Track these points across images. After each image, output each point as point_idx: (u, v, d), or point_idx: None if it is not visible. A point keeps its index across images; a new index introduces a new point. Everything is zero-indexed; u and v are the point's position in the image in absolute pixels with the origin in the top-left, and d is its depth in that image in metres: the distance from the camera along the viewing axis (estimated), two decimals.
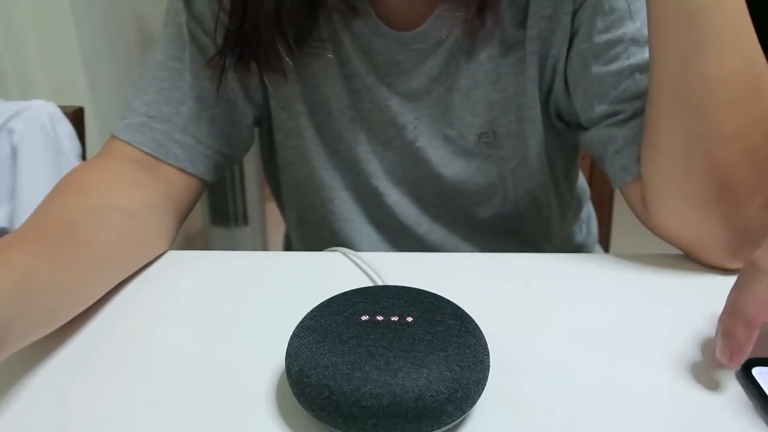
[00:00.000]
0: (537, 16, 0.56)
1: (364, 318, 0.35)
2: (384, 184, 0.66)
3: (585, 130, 0.57)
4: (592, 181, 0.97)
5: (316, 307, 0.37)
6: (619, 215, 1.16)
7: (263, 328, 0.43)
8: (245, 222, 1.94)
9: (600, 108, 0.54)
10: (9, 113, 1.05)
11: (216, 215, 1.93)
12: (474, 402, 0.33)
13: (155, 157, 0.58)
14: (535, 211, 0.67)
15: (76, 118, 1.08)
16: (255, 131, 0.69)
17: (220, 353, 0.40)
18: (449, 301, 0.37)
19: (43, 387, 0.38)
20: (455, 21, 0.56)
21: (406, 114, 0.62)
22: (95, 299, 0.45)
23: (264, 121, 0.69)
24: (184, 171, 0.60)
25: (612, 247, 1.24)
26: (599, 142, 0.55)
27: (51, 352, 0.41)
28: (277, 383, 0.37)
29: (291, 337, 0.35)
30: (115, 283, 0.48)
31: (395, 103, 0.61)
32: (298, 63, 0.60)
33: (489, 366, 0.34)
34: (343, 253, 0.53)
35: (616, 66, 0.52)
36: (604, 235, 1.09)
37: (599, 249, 0.85)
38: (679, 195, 0.48)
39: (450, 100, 0.60)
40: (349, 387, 0.31)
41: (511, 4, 0.56)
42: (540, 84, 0.59)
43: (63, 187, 0.51)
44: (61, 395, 0.37)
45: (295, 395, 0.33)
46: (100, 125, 1.48)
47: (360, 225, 0.68)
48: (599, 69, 0.53)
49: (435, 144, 0.62)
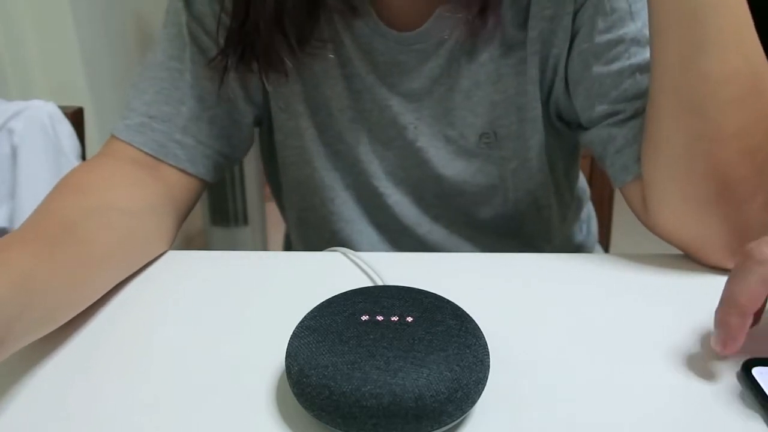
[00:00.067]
0: (538, 16, 0.56)
1: (364, 318, 0.35)
2: (384, 184, 0.65)
3: (585, 130, 0.57)
4: (592, 181, 0.97)
5: (316, 307, 0.37)
6: (619, 215, 1.16)
7: (263, 328, 0.43)
8: (245, 222, 1.94)
9: (600, 108, 0.54)
10: (9, 113, 1.05)
11: (216, 215, 1.93)
12: (474, 402, 0.33)
13: (155, 158, 0.58)
14: (536, 212, 0.67)
15: (76, 118, 1.08)
16: (255, 131, 0.69)
17: (220, 353, 0.40)
18: (449, 301, 0.37)
19: (43, 387, 0.38)
20: (456, 21, 0.56)
21: (406, 114, 0.62)
22: (95, 299, 0.45)
23: (264, 122, 0.69)
24: (184, 171, 0.60)
25: (612, 247, 1.24)
26: (599, 141, 0.55)
27: (51, 351, 0.41)
28: (277, 383, 0.37)
29: (291, 337, 0.35)
30: (115, 283, 0.48)
31: (396, 104, 0.61)
32: (298, 63, 0.60)
33: (489, 366, 0.34)
34: (343, 253, 0.53)
35: (616, 66, 0.52)
36: (604, 235, 1.09)
37: (599, 249, 0.85)
38: (680, 195, 0.48)
39: (451, 100, 0.60)
40: (349, 387, 0.31)
41: (513, 4, 0.56)
42: (541, 84, 0.59)
43: (63, 187, 0.51)
44: (61, 395, 0.37)
45: (295, 395, 0.33)
46: (100, 125, 1.48)
47: (360, 225, 0.68)
48: (600, 69, 0.53)
49: (436, 144, 0.62)
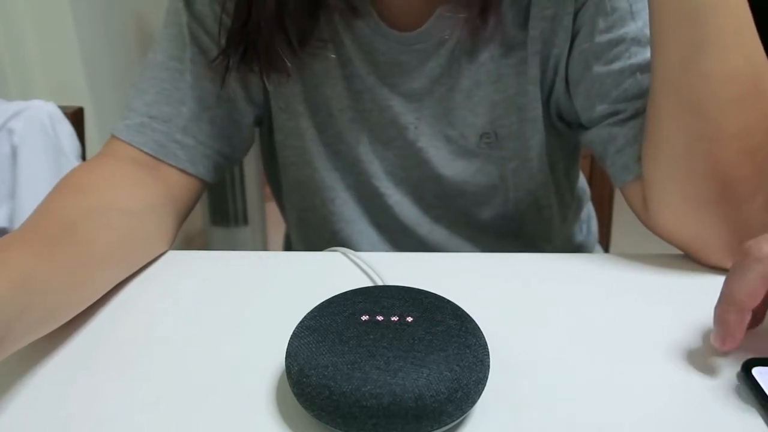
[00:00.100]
0: (539, 16, 0.56)
1: (364, 318, 0.35)
2: (385, 184, 0.65)
3: (586, 129, 0.57)
4: (592, 181, 0.97)
5: (316, 307, 0.37)
6: (619, 215, 1.17)
7: (263, 328, 0.43)
8: (245, 222, 1.94)
9: (601, 107, 0.54)
10: (9, 113, 1.05)
11: (216, 215, 1.93)
12: (474, 402, 0.33)
13: (155, 158, 0.58)
14: (536, 212, 0.67)
15: (76, 118, 1.08)
16: (255, 132, 0.69)
17: (220, 353, 0.40)
18: (449, 301, 0.37)
19: (44, 386, 0.38)
20: (457, 21, 0.56)
21: (407, 114, 0.62)
22: (95, 299, 0.45)
23: (264, 122, 0.69)
24: (184, 171, 0.60)
25: (612, 247, 1.24)
26: (600, 141, 0.55)
27: (51, 351, 0.41)
28: (277, 383, 0.37)
29: (291, 337, 0.35)
30: (115, 283, 0.48)
31: (396, 104, 0.61)
32: (299, 63, 0.60)
33: (489, 366, 0.34)
34: (343, 253, 0.53)
35: (617, 66, 0.52)
36: (604, 235, 1.09)
37: (599, 249, 0.85)
38: (680, 194, 0.48)
39: (451, 100, 0.60)
40: (349, 387, 0.31)
41: (513, 4, 0.56)
42: (541, 84, 0.59)
43: (63, 187, 0.51)
44: (62, 394, 0.37)
45: (295, 395, 0.33)
46: (100, 125, 1.48)
47: (361, 226, 0.68)
48: (600, 69, 0.53)
49: (436, 144, 0.62)
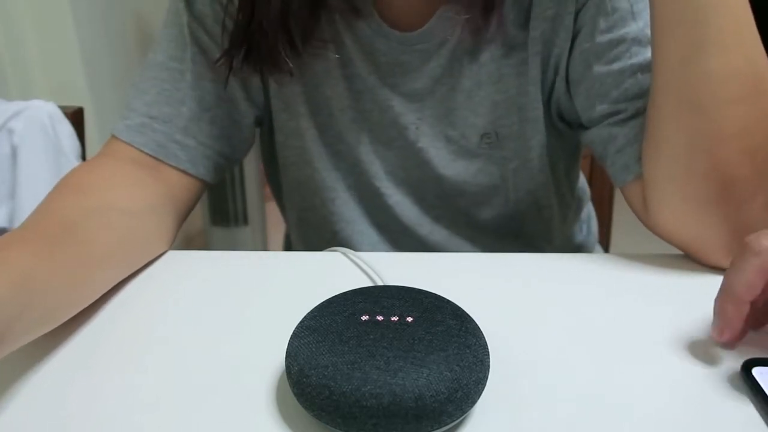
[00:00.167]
0: (540, 16, 0.56)
1: (364, 318, 0.35)
2: (385, 184, 0.65)
3: (586, 129, 0.57)
4: (592, 181, 0.97)
5: (316, 307, 0.37)
6: (619, 215, 1.17)
7: (263, 328, 0.43)
8: (245, 222, 1.94)
9: (601, 107, 0.54)
10: (9, 113, 1.05)
11: (216, 215, 1.93)
12: (474, 402, 0.33)
13: (156, 158, 0.58)
14: (537, 212, 0.67)
15: (76, 118, 1.08)
16: (256, 132, 0.69)
17: (220, 353, 0.40)
18: (449, 301, 0.37)
19: (44, 386, 0.38)
20: (458, 21, 0.56)
21: (408, 114, 0.62)
22: (95, 299, 0.45)
23: (265, 122, 0.69)
24: (184, 172, 0.60)
25: (612, 247, 1.24)
26: (600, 141, 0.55)
27: (51, 351, 0.41)
28: (277, 383, 0.37)
29: (291, 337, 0.35)
30: (115, 283, 0.48)
31: (397, 104, 0.61)
32: (299, 63, 0.60)
33: (489, 366, 0.34)
34: (343, 253, 0.53)
35: (618, 65, 0.52)
36: (604, 235, 1.09)
37: (599, 249, 0.85)
38: (680, 194, 0.48)
39: (453, 100, 0.60)
40: (349, 387, 0.31)
41: (514, 4, 0.56)
42: (542, 84, 0.59)
43: (63, 187, 0.51)
44: (62, 394, 0.37)
45: (295, 395, 0.33)
46: (100, 125, 1.48)
47: (361, 226, 0.68)
48: (601, 68, 0.53)
49: (437, 145, 0.62)
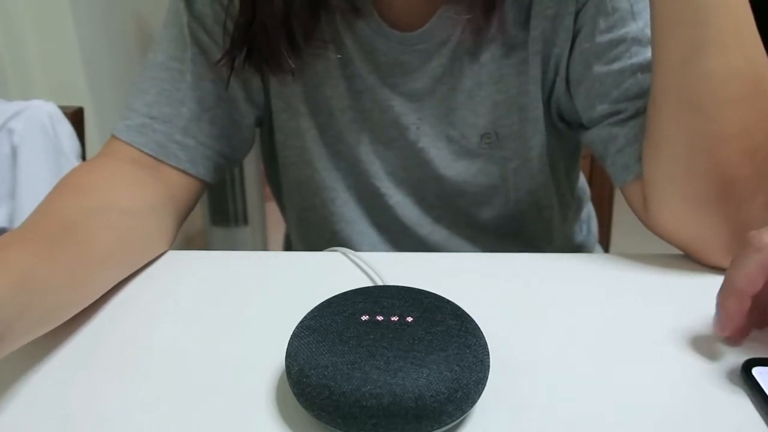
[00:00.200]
0: (540, 16, 0.56)
1: (364, 318, 0.35)
2: (386, 185, 0.65)
3: (586, 129, 0.57)
4: (592, 181, 0.97)
5: (316, 307, 0.37)
6: (619, 215, 1.17)
7: (263, 328, 0.43)
8: (245, 222, 1.94)
9: (601, 107, 0.54)
10: (9, 113, 1.05)
11: (216, 215, 1.93)
12: (474, 402, 0.33)
13: (156, 158, 0.58)
14: (537, 212, 0.67)
15: (76, 118, 1.08)
16: (256, 132, 0.69)
17: (220, 353, 0.40)
18: (449, 301, 0.37)
19: (44, 386, 0.38)
20: (458, 21, 0.56)
21: (408, 114, 0.62)
22: (95, 299, 0.45)
23: (265, 122, 0.69)
24: (184, 172, 0.60)
25: (612, 247, 1.24)
26: (600, 141, 0.55)
27: (52, 350, 0.41)
28: (277, 383, 0.37)
29: (291, 337, 0.35)
30: (115, 283, 0.48)
31: (398, 104, 0.61)
32: (300, 64, 0.60)
33: (489, 366, 0.34)
34: (343, 253, 0.53)
35: (618, 65, 0.52)
36: (604, 235, 1.09)
37: (599, 249, 0.85)
38: (680, 194, 0.48)
39: (453, 100, 0.60)
40: (349, 387, 0.31)
41: (514, 4, 0.56)
42: (542, 84, 0.59)
43: (63, 187, 0.51)
44: (62, 394, 0.37)
45: (295, 395, 0.33)
46: (100, 125, 1.48)
47: (361, 226, 0.68)
48: (601, 68, 0.53)
49: (437, 145, 0.62)
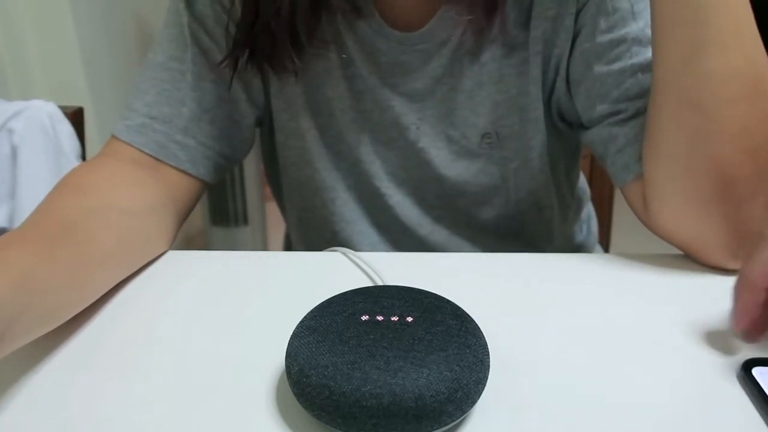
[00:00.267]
0: (541, 16, 0.56)
1: (364, 318, 0.35)
2: (386, 185, 0.65)
3: (586, 129, 0.57)
4: (592, 181, 0.97)
5: (316, 307, 0.37)
6: (619, 215, 1.17)
7: (263, 328, 0.43)
8: (245, 222, 1.94)
9: (602, 107, 0.54)
10: (9, 113, 1.05)
11: (216, 215, 1.93)
12: (474, 402, 0.33)
13: (156, 158, 0.58)
14: (537, 212, 0.67)
15: (76, 118, 1.08)
16: (256, 132, 0.69)
17: (220, 353, 0.40)
18: (449, 301, 0.37)
19: (44, 385, 0.38)
20: (459, 22, 0.56)
21: (409, 115, 0.62)
22: (95, 299, 0.45)
23: (265, 122, 0.69)
24: (184, 172, 0.60)
25: (612, 247, 1.24)
26: (600, 141, 0.55)
27: (52, 350, 0.41)
28: (277, 383, 0.37)
29: (291, 337, 0.35)
30: (115, 283, 0.48)
31: (398, 104, 0.61)
32: (301, 64, 0.60)
33: (489, 366, 0.34)
34: (343, 253, 0.53)
35: (618, 65, 0.52)
36: (604, 235, 1.09)
37: (599, 249, 0.85)
38: (680, 194, 0.48)
39: (453, 100, 0.60)
40: (349, 387, 0.31)
41: (515, 4, 0.56)
42: (543, 84, 0.59)
43: (63, 187, 0.51)
44: (62, 394, 0.37)
45: (295, 395, 0.33)
46: (100, 125, 1.48)
47: (361, 226, 0.68)
48: (601, 68, 0.53)
49: (438, 145, 0.62)
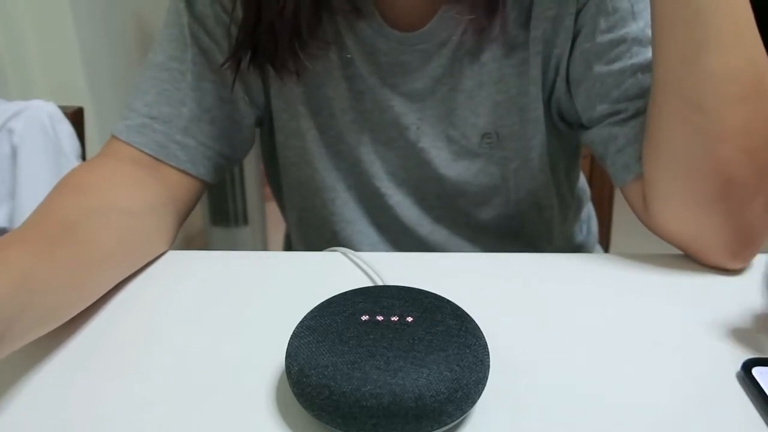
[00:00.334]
0: (541, 17, 0.56)
1: (364, 318, 0.35)
2: (386, 185, 0.65)
3: (586, 129, 0.57)
4: (592, 181, 0.97)
5: (316, 307, 0.37)
6: (619, 215, 1.17)
7: (263, 328, 0.43)
8: (245, 222, 1.94)
9: (602, 107, 0.54)
10: (9, 113, 1.05)
11: (216, 215, 1.93)
12: (474, 402, 0.33)
13: (156, 158, 0.58)
14: (537, 212, 0.67)
15: (76, 118, 1.08)
16: (256, 132, 0.69)
17: (220, 353, 0.40)
18: (449, 301, 0.37)
19: (44, 386, 0.38)
20: (459, 21, 0.56)
21: (409, 115, 0.62)
22: (95, 299, 0.45)
23: (265, 122, 0.69)
24: (184, 172, 0.60)
25: (612, 247, 1.24)
26: (600, 141, 0.55)
27: (52, 350, 0.41)
28: (277, 383, 0.37)
29: (291, 337, 0.35)
30: (115, 283, 0.48)
31: (398, 104, 0.61)
32: (301, 64, 0.60)
33: (489, 366, 0.34)
34: (343, 253, 0.53)
35: (618, 65, 0.52)
36: (604, 235, 1.09)
37: (599, 249, 0.85)
38: (681, 194, 0.48)
39: (453, 100, 0.60)
40: (349, 387, 0.31)
41: (515, 4, 0.56)
42: (543, 84, 0.59)
43: (63, 187, 0.51)
44: (62, 394, 0.37)
45: (295, 395, 0.33)
46: (100, 125, 1.48)
47: (361, 226, 0.68)
48: (602, 68, 0.53)
49: (438, 145, 0.62)
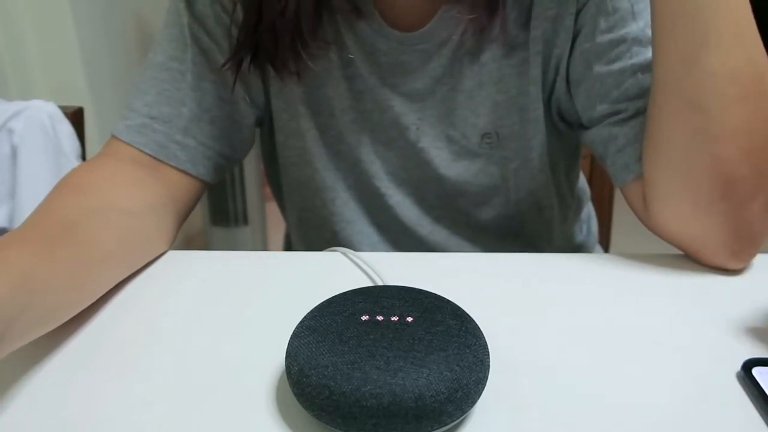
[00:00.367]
0: (541, 17, 0.56)
1: (364, 318, 0.35)
2: (386, 185, 0.65)
3: (586, 129, 0.57)
4: (592, 181, 0.97)
5: (316, 307, 0.37)
6: (619, 215, 1.17)
7: (263, 328, 0.43)
8: (245, 222, 1.94)
9: (602, 107, 0.54)
10: (9, 113, 1.05)
11: (216, 215, 1.93)
12: (474, 402, 0.33)
13: (156, 158, 0.58)
14: (537, 212, 0.67)
15: (76, 118, 1.08)
16: (256, 132, 0.69)
17: (220, 353, 0.40)
18: (449, 301, 0.37)
19: (44, 385, 0.38)
20: (459, 21, 0.56)
21: (409, 115, 0.62)
22: (95, 299, 0.45)
23: (265, 122, 0.69)
24: (184, 172, 0.60)
25: (612, 247, 1.24)
26: (600, 141, 0.55)
27: (52, 350, 0.41)
28: (277, 383, 0.37)
29: (291, 337, 0.35)
30: (115, 283, 0.48)
31: (398, 104, 0.61)
32: (301, 64, 0.60)
33: (489, 366, 0.34)
34: (343, 253, 0.53)
35: (618, 65, 0.52)
36: (604, 235, 1.09)
37: (599, 249, 0.85)
38: (681, 194, 0.48)
39: (453, 100, 0.60)
40: (349, 387, 0.31)
41: (515, 4, 0.56)
42: (543, 84, 0.59)
43: (63, 187, 0.51)
44: (62, 394, 0.37)
45: (295, 395, 0.33)
46: (100, 125, 1.48)
47: (361, 226, 0.68)
48: (602, 68, 0.53)
49: (438, 145, 0.62)
